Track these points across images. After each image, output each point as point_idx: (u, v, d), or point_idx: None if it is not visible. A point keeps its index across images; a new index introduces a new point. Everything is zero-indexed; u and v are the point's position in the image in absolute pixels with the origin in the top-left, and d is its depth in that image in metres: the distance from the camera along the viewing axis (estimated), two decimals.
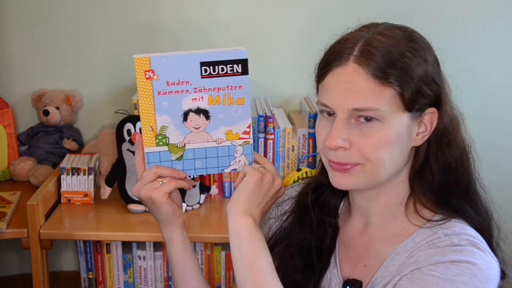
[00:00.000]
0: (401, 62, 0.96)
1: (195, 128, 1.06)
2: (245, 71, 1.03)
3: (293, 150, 1.97)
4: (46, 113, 2.11)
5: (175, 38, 2.13)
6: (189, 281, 1.18)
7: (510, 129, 2.21)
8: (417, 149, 1.03)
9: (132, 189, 1.11)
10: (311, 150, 1.97)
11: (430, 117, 1.00)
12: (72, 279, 2.25)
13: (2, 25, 2.13)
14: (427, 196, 1.03)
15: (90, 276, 2.10)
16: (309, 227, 1.13)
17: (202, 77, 1.03)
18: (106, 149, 2.09)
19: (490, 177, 1.10)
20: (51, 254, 2.21)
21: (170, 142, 1.07)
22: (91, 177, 1.91)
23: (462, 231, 0.98)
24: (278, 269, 1.11)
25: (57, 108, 2.13)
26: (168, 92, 1.03)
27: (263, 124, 1.94)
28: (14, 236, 1.76)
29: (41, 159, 2.13)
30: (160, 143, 1.07)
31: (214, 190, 1.98)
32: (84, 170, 1.90)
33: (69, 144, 2.12)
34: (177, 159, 1.08)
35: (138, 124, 1.84)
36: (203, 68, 1.02)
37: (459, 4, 2.11)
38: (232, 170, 1.09)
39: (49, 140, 2.15)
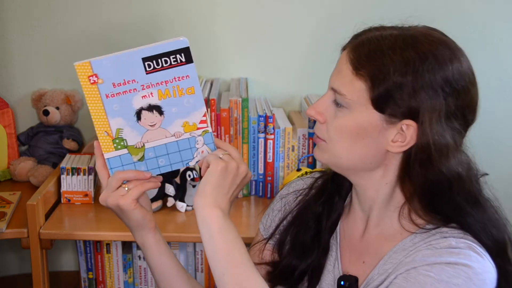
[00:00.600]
0: (380, 60, 0.96)
1: (150, 125, 1.04)
2: (189, 60, 1.01)
3: (293, 150, 1.97)
4: (46, 113, 2.11)
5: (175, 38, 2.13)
6: (171, 282, 1.16)
7: (509, 131, 2.21)
8: (403, 156, 1.01)
9: (99, 199, 1.09)
10: (311, 150, 1.97)
11: (411, 130, 0.97)
12: (72, 279, 2.25)
13: (2, 25, 2.13)
14: (422, 206, 1.01)
15: (90, 276, 2.10)
16: (324, 202, 1.15)
17: (147, 73, 1.01)
18: None
19: (487, 177, 1.09)
20: (51, 254, 2.21)
21: (129, 144, 1.05)
22: (91, 177, 1.91)
23: (461, 235, 0.98)
24: (294, 231, 1.16)
25: (57, 108, 2.13)
26: (116, 94, 1.01)
27: (263, 124, 1.94)
28: (14, 236, 1.76)
29: (41, 159, 2.13)
30: (119, 146, 1.05)
31: None
32: (84, 170, 1.90)
33: (69, 144, 2.12)
34: (139, 160, 1.06)
35: None
36: (146, 63, 1.00)
37: (458, 4, 2.11)
38: (196, 162, 1.07)
39: (49, 140, 2.15)
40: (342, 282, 1.06)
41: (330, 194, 1.15)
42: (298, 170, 1.93)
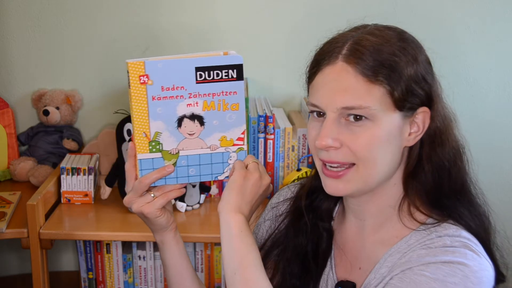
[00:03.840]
0: (390, 60, 0.95)
1: (189, 134, 1.04)
2: (240, 77, 1.02)
3: (293, 150, 1.97)
4: (46, 113, 2.11)
5: (175, 39, 2.13)
6: (184, 283, 1.18)
7: (509, 131, 2.21)
8: (410, 150, 1.02)
9: (123, 200, 1.10)
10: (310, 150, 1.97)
11: (423, 116, 0.99)
12: (72, 279, 2.25)
13: (2, 25, 2.13)
14: (421, 199, 1.02)
15: (90, 276, 2.11)
16: (304, 232, 1.12)
17: (197, 82, 1.01)
18: (106, 149, 2.09)
19: (487, 179, 1.08)
20: (51, 254, 2.21)
21: (164, 149, 1.05)
22: (91, 177, 1.91)
23: (457, 233, 0.97)
24: (275, 274, 1.12)
25: (57, 108, 2.13)
26: (163, 97, 1.01)
27: (263, 124, 1.94)
28: (14, 236, 1.76)
29: (41, 159, 2.13)
30: (154, 149, 1.04)
31: (214, 190, 1.98)
32: (84, 170, 1.91)
33: (69, 144, 2.12)
34: None
35: None
36: (198, 73, 1.01)
37: (458, 4, 2.11)
38: (226, 177, 1.08)
39: (49, 140, 2.15)
40: None
41: (312, 224, 1.12)
42: (298, 170, 1.93)
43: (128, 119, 1.88)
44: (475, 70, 2.15)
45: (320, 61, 0.99)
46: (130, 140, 1.86)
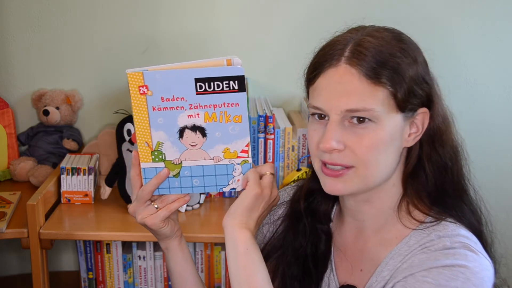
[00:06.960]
0: (392, 62, 0.95)
1: (191, 145, 1.03)
2: (242, 88, 0.99)
3: (293, 150, 1.97)
4: (46, 113, 2.11)
5: (175, 39, 2.13)
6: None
7: (509, 131, 2.21)
8: (409, 150, 1.03)
9: (128, 209, 1.09)
10: None
11: (422, 117, 1.00)
12: (72, 279, 2.25)
13: (2, 25, 2.13)
14: (420, 198, 1.02)
15: (90, 276, 2.10)
16: (303, 235, 1.12)
17: (197, 94, 0.99)
18: (106, 149, 2.09)
19: (486, 180, 1.08)
20: (51, 254, 2.21)
21: (167, 159, 1.04)
22: (91, 177, 1.91)
23: (455, 232, 0.97)
24: (275, 278, 1.11)
25: (57, 108, 2.13)
26: (163, 108, 1.00)
27: (263, 124, 1.94)
28: (14, 236, 1.76)
29: (41, 159, 2.13)
30: (156, 159, 1.04)
31: None
32: (84, 170, 1.91)
33: (69, 144, 2.12)
34: (174, 176, 1.06)
35: None
36: (198, 84, 0.99)
37: (458, 4, 2.11)
38: (231, 189, 1.06)
39: (49, 140, 2.15)
40: None
41: (311, 227, 1.12)
42: (298, 170, 1.93)
43: (128, 119, 1.88)
44: (475, 70, 2.15)
45: (322, 63, 0.99)
46: (130, 140, 1.86)
